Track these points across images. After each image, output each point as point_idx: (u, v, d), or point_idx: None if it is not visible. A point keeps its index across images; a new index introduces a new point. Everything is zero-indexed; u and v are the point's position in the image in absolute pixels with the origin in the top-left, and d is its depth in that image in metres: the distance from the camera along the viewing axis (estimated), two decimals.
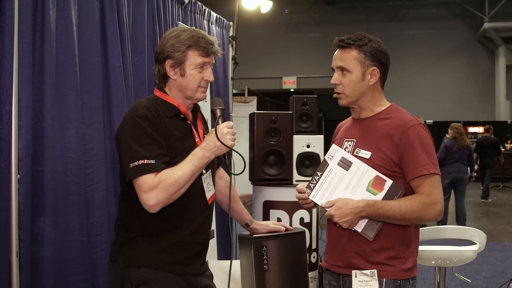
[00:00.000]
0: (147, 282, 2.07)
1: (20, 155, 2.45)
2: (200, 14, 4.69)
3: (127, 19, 3.29)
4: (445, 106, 21.15)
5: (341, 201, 2.15)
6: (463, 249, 4.04)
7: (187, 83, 2.19)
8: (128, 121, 2.09)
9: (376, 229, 2.18)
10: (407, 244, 2.23)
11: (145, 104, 2.14)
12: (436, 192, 2.14)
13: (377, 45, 2.26)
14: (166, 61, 2.18)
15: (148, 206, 2.00)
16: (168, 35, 2.23)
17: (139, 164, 1.99)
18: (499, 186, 16.53)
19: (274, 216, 4.22)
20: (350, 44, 2.24)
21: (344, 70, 2.25)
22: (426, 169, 2.13)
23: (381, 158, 2.18)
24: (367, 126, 2.29)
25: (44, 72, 2.62)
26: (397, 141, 2.17)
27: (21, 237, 2.45)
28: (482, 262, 6.38)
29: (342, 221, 2.13)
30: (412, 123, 2.20)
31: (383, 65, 2.27)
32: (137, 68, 3.41)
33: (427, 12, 21.77)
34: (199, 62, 2.18)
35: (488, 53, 21.77)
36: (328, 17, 22.54)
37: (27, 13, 2.50)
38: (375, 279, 2.16)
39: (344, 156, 2.23)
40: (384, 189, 2.16)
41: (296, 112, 4.32)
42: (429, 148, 2.18)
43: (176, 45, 2.17)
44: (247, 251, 2.49)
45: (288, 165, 4.27)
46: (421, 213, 2.12)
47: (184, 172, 2.02)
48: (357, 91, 2.26)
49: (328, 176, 2.23)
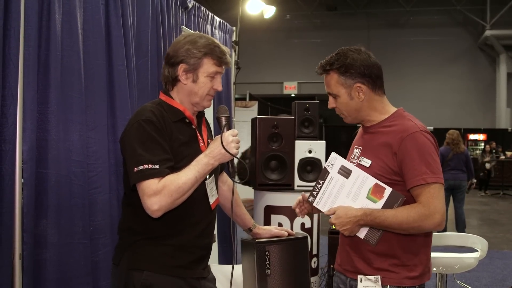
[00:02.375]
0: (150, 286, 2.07)
1: (24, 157, 2.45)
2: (204, 19, 4.70)
3: (132, 23, 3.29)
4: (446, 113, 21.17)
5: (341, 210, 2.16)
6: (465, 256, 4.04)
7: (198, 89, 2.20)
8: (133, 125, 2.09)
9: (377, 236, 2.18)
10: (414, 252, 2.20)
11: (151, 108, 2.13)
12: (435, 202, 2.08)
13: (355, 61, 2.21)
14: (180, 65, 2.18)
15: (151, 211, 2.00)
16: (183, 39, 2.22)
17: (143, 168, 1.99)
18: (499, 194, 16.53)
19: (275, 221, 4.23)
20: (329, 70, 2.26)
21: (334, 96, 2.28)
22: (423, 179, 2.09)
23: (381, 167, 2.18)
24: (372, 134, 2.29)
25: (49, 74, 2.62)
26: (395, 150, 2.15)
27: (24, 239, 2.45)
28: (482, 269, 6.38)
29: (342, 230, 2.16)
30: (411, 131, 2.15)
31: (367, 76, 2.23)
32: (141, 72, 3.41)
33: (428, 19, 21.79)
34: (212, 70, 2.20)
35: (489, 61, 21.81)
36: (330, 23, 22.59)
37: (33, 16, 2.50)
38: (379, 285, 2.16)
39: (344, 164, 2.24)
40: (384, 197, 2.15)
41: (298, 118, 4.33)
42: (428, 156, 2.12)
43: (192, 51, 2.16)
44: (250, 255, 2.48)
45: (290, 170, 4.27)
46: (417, 223, 2.09)
47: (188, 178, 2.02)
48: (352, 109, 2.27)
49: (330, 184, 2.24)
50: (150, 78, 3.50)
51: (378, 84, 2.27)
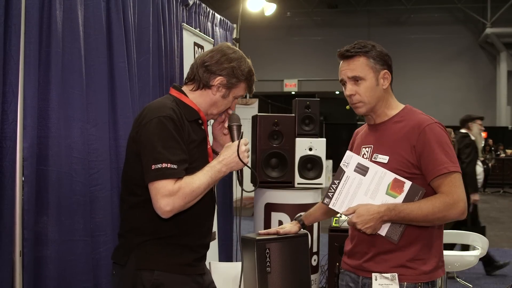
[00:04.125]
0: (161, 285, 2.06)
1: (25, 154, 2.45)
2: (205, 16, 4.70)
3: (132, 20, 3.29)
4: (446, 111, 21.11)
5: (362, 208, 2.14)
6: (466, 254, 4.04)
7: (221, 104, 2.24)
8: (152, 120, 2.02)
9: (400, 231, 2.16)
10: (429, 245, 2.20)
11: (171, 105, 2.09)
12: (458, 190, 2.10)
13: (380, 49, 2.27)
14: (219, 77, 2.19)
15: (162, 212, 1.97)
16: (230, 53, 2.23)
17: (162, 167, 1.95)
18: (500, 192, 16.53)
19: (275, 219, 4.23)
20: (357, 52, 2.24)
21: (358, 79, 2.24)
22: (446, 168, 2.10)
23: (399, 162, 2.17)
24: (383, 131, 2.28)
25: (50, 71, 2.62)
26: (414, 143, 2.15)
27: (25, 236, 2.45)
28: (482, 267, 6.38)
29: (365, 228, 2.12)
30: (427, 123, 2.17)
31: (390, 68, 2.29)
32: (142, 69, 3.41)
33: (429, 17, 21.76)
34: (241, 94, 2.27)
35: (489, 58, 21.78)
36: (330, 21, 22.56)
37: (34, 12, 2.50)
38: (396, 283, 2.14)
39: (360, 162, 2.22)
40: (404, 191, 2.14)
41: (299, 115, 4.33)
42: (446, 146, 2.14)
43: (237, 71, 2.21)
44: (250, 253, 2.48)
45: (290, 168, 4.27)
46: (443, 213, 2.09)
47: (202, 183, 2.02)
48: (374, 96, 2.25)
49: (346, 183, 2.21)
50: (152, 75, 3.50)
51: (392, 79, 2.31)
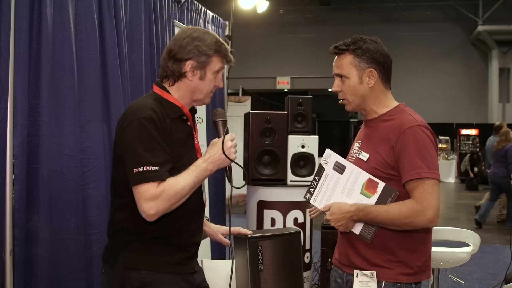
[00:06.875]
0: (148, 284, 2.05)
1: (15, 152, 2.43)
2: (197, 13, 4.68)
3: (124, 17, 3.27)
4: (438, 108, 21.22)
5: (335, 206, 2.18)
6: (457, 251, 4.05)
7: (203, 87, 2.17)
8: (133, 123, 2.00)
9: (372, 231, 2.18)
10: (411, 249, 2.18)
11: (151, 105, 2.06)
12: (428, 198, 2.06)
13: (372, 46, 2.25)
14: (188, 62, 2.13)
15: (146, 215, 1.95)
16: (189, 34, 2.15)
17: (143, 170, 1.93)
18: None
19: (268, 216, 4.23)
20: (344, 50, 2.25)
21: (342, 77, 2.26)
22: (418, 173, 2.07)
23: (378, 161, 2.18)
24: (372, 128, 2.29)
25: (41, 69, 2.59)
26: (393, 144, 2.14)
27: (15, 235, 2.43)
28: (474, 264, 6.41)
29: (337, 226, 2.18)
30: (410, 125, 2.14)
31: (381, 65, 2.25)
32: (134, 66, 3.39)
33: (421, 14, 21.82)
34: (218, 68, 2.19)
35: (481, 56, 21.88)
36: (323, 18, 22.56)
37: (24, 9, 2.48)
38: (374, 280, 2.16)
39: (338, 160, 2.25)
40: (378, 192, 2.15)
41: (291, 112, 4.32)
42: (424, 151, 2.10)
43: (202, 48, 2.13)
44: (243, 251, 2.48)
45: (283, 165, 4.27)
46: (409, 219, 2.07)
47: (186, 184, 1.99)
48: (358, 95, 2.26)
49: (325, 181, 2.25)
50: (144, 73, 3.49)
51: (387, 76, 2.29)
